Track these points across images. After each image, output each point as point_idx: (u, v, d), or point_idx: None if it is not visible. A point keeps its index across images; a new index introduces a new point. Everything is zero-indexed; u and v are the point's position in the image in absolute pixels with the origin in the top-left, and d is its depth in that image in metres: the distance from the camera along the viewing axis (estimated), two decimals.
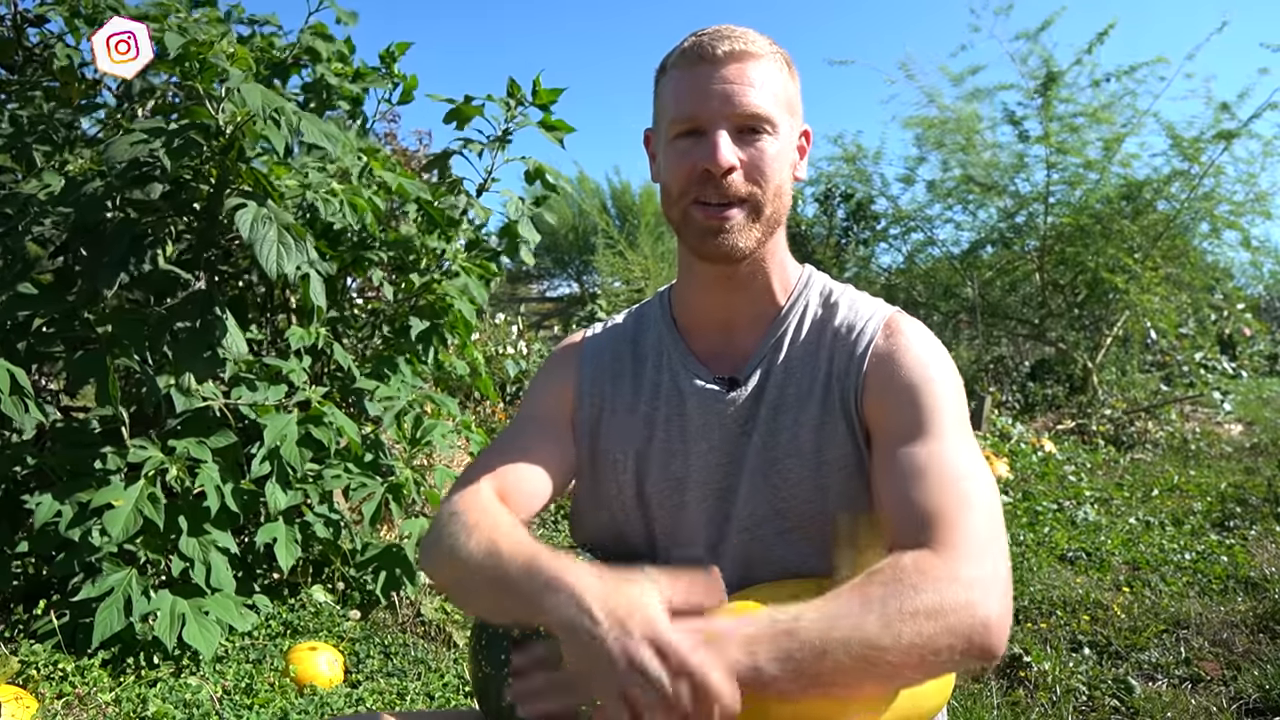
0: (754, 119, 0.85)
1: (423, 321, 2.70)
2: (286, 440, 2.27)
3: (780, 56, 0.89)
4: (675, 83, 0.88)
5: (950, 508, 0.75)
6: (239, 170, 2.22)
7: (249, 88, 2.03)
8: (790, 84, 0.90)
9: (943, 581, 0.68)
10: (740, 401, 0.92)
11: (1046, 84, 6.79)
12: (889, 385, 0.86)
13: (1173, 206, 6.87)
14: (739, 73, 0.85)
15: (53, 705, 1.91)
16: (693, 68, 0.86)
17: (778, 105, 0.87)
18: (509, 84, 2.78)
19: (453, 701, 2.05)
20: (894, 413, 0.85)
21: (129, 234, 2.15)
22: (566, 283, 14.38)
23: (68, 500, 2.09)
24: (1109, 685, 2.11)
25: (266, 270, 2.04)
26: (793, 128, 0.90)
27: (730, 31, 0.87)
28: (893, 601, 0.66)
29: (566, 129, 2.84)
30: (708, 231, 0.86)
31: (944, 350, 0.91)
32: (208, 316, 2.25)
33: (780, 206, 0.89)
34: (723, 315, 0.95)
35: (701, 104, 0.85)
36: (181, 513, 2.20)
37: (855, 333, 0.91)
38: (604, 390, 0.99)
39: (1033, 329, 8.12)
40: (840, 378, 0.89)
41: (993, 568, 0.72)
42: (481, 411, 5.35)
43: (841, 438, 0.88)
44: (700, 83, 0.85)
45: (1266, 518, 3.63)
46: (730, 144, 0.84)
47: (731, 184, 0.85)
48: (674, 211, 0.89)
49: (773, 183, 0.86)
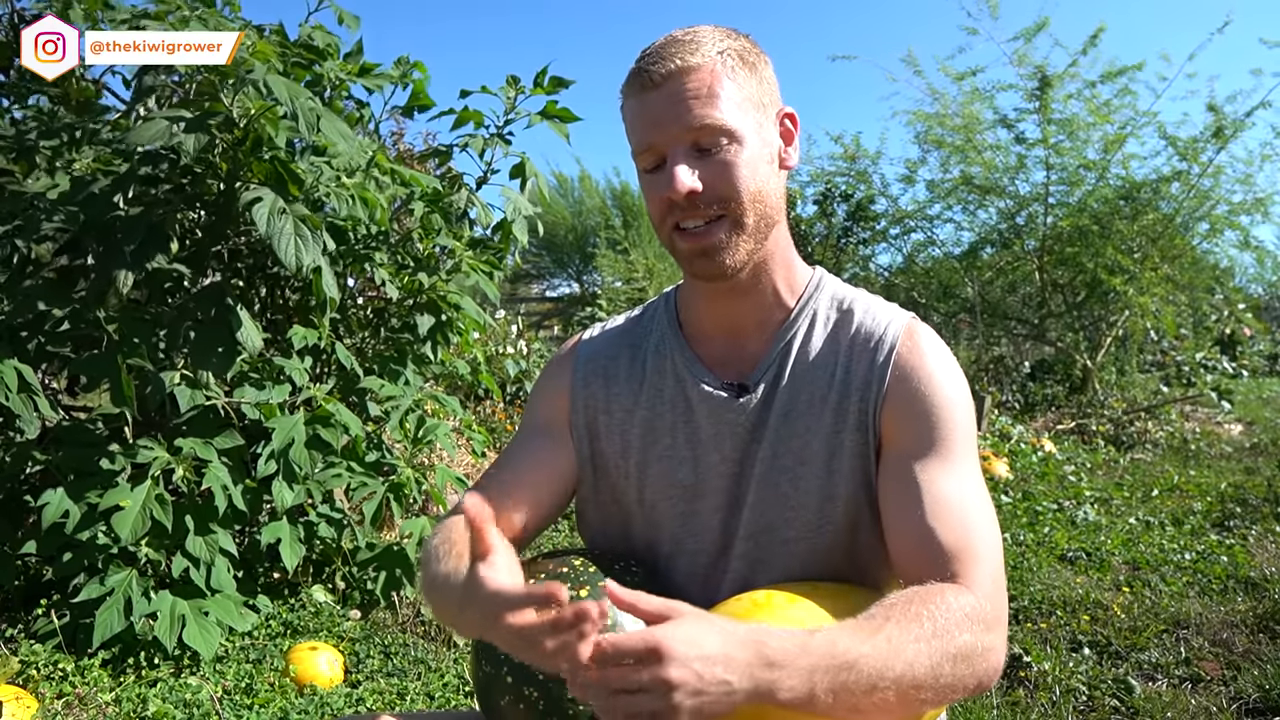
0: (705, 132, 0.81)
1: (430, 318, 2.69)
2: (296, 442, 2.27)
3: (730, 53, 0.83)
4: (629, 114, 0.86)
5: (975, 548, 0.78)
6: (252, 164, 2.21)
7: (274, 79, 2.03)
8: (749, 79, 0.84)
9: (978, 625, 0.72)
10: (750, 408, 0.90)
11: (1042, 86, 6.79)
12: (912, 401, 0.85)
13: (1171, 207, 6.87)
14: (677, 93, 0.81)
15: (53, 705, 1.91)
16: (639, 95, 0.83)
17: (734, 110, 0.82)
18: (508, 78, 2.75)
19: (453, 701, 2.05)
20: (913, 429, 0.84)
21: (145, 225, 2.14)
22: (566, 283, 14.39)
23: (76, 501, 2.09)
24: (1109, 685, 2.11)
25: (285, 263, 2.03)
26: (761, 123, 0.85)
27: (669, 47, 0.82)
28: (939, 642, 0.69)
29: (571, 117, 2.76)
30: (694, 255, 0.85)
31: (955, 360, 0.90)
32: (222, 310, 2.25)
33: (765, 210, 0.85)
34: (728, 322, 0.93)
35: (651, 133, 0.83)
36: (188, 513, 2.20)
37: (875, 340, 0.89)
38: (597, 394, 0.98)
39: (1032, 329, 8.13)
40: (861, 387, 0.87)
41: (1004, 610, 0.77)
42: (482, 411, 5.36)
43: (856, 447, 0.87)
44: (646, 111, 0.83)
45: (1266, 518, 3.63)
46: (687, 170, 0.81)
47: (700, 206, 0.82)
48: (661, 235, 0.88)
49: (746, 191, 0.83)
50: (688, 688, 0.60)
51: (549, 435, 0.98)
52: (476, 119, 2.77)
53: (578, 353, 1.02)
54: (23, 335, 2.23)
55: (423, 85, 2.84)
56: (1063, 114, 6.84)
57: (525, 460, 0.97)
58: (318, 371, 2.73)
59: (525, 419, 1.03)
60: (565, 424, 0.98)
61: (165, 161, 2.33)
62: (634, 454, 0.95)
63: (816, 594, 0.81)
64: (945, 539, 0.78)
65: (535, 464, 0.96)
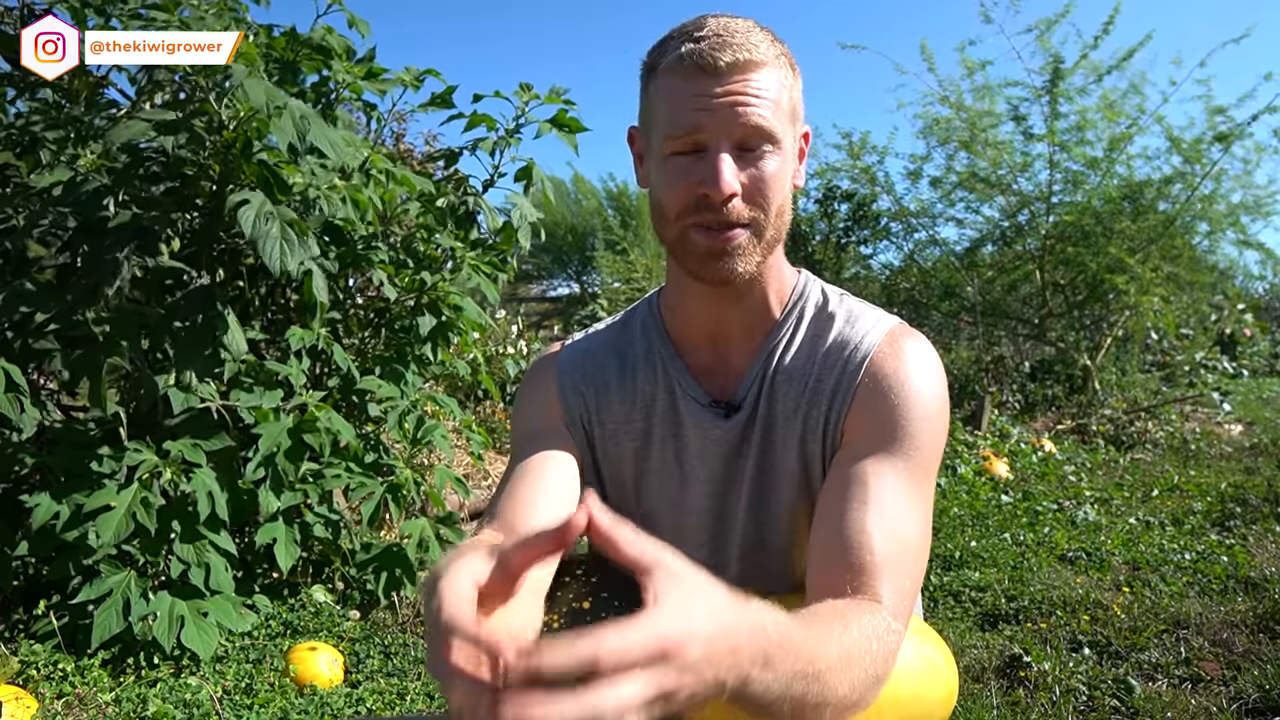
0: (758, 134, 0.78)
1: (430, 319, 2.70)
2: (281, 448, 2.27)
3: (784, 59, 0.81)
4: (670, 93, 0.79)
5: (903, 563, 0.73)
6: (242, 166, 2.21)
7: (252, 83, 2.02)
8: (794, 88, 0.83)
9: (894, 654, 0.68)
10: (735, 426, 0.88)
11: (1053, 80, 6.78)
12: (878, 404, 0.82)
13: (1173, 207, 6.87)
14: (743, 85, 0.76)
15: (53, 705, 1.91)
16: (691, 78, 0.77)
17: (781, 117, 0.79)
18: (520, 84, 2.78)
19: None
20: (873, 429, 0.81)
21: (133, 229, 2.14)
22: (566, 283, 14.37)
23: (64, 501, 2.09)
24: (1109, 685, 2.11)
25: (270, 267, 2.04)
26: (794, 136, 0.84)
27: (730, 35, 0.77)
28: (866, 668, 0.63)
29: (579, 127, 2.80)
30: (709, 256, 0.80)
31: (941, 374, 0.86)
32: (209, 314, 2.24)
33: (781, 226, 0.83)
34: (715, 328, 0.91)
35: (702, 121, 0.77)
36: (175, 516, 2.20)
37: (850, 349, 0.86)
38: (590, 404, 0.94)
39: (1033, 329, 8.12)
40: (829, 396, 0.85)
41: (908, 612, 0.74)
42: (482, 411, 5.36)
43: (826, 454, 0.85)
44: (700, 96, 0.77)
45: (1266, 518, 3.63)
46: (733, 167, 0.77)
47: (733, 209, 0.78)
48: (669, 231, 0.83)
49: (774, 204, 0.80)
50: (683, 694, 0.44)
51: (553, 436, 0.92)
52: (489, 123, 2.79)
53: (559, 362, 0.97)
54: (9, 335, 2.23)
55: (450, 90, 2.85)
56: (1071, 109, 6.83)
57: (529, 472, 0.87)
58: (317, 372, 2.73)
59: (517, 434, 0.96)
60: (563, 426, 0.94)
61: (156, 163, 2.32)
62: (629, 465, 0.94)
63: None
64: (875, 549, 0.72)
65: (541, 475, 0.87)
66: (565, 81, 2.45)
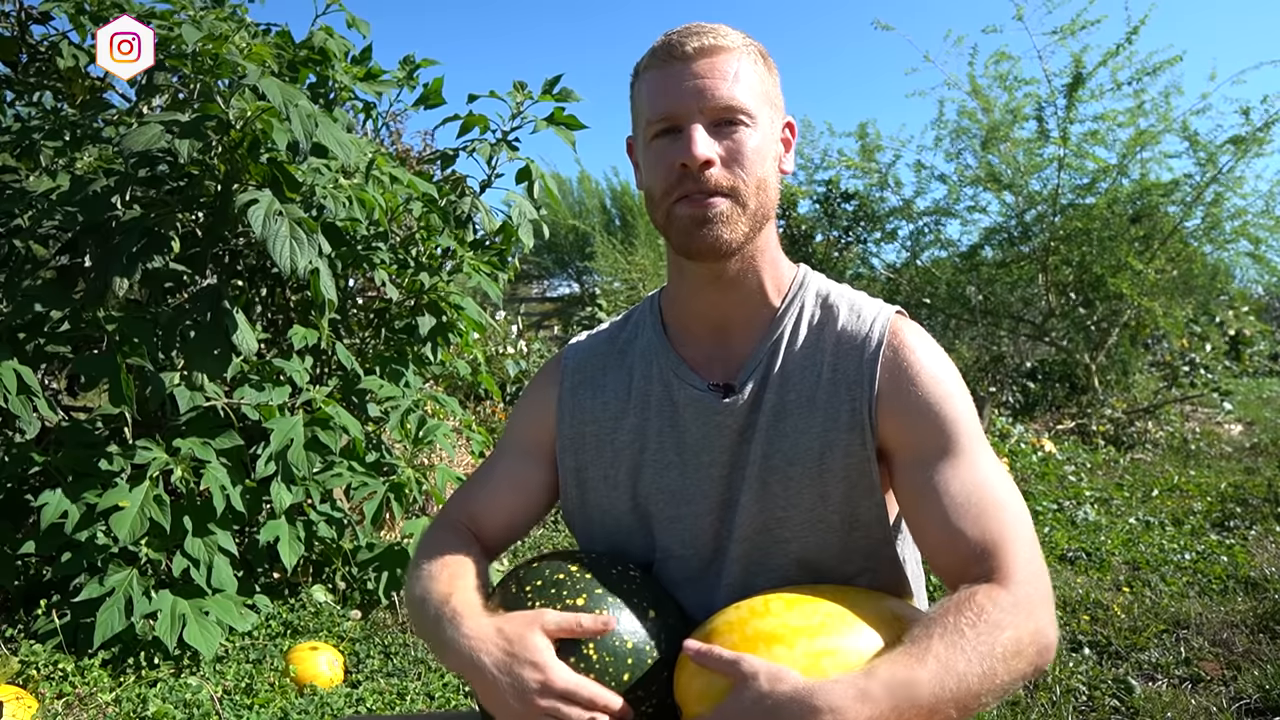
0: (729, 110, 0.83)
1: (431, 319, 2.70)
2: (294, 444, 2.27)
3: (754, 49, 0.87)
4: (649, 84, 0.86)
5: (1003, 535, 0.79)
6: (249, 166, 2.21)
7: (268, 82, 2.03)
8: (768, 76, 0.88)
9: (1018, 614, 0.72)
10: (737, 409, 0.89)
11: (1073, 84, 6.76)
12: (908, 402, 0.85)
13: (1179, 211, 6.86)
14: (710, 67, 0.83)
15: (53, 705, 1.91)
16: (664, 67, 0.85)
17: (754, 97, 0.85)
18: (515, 83, 2.77)
19: (453, 701, 2.06)
20: (917, 432, 0.84)
21: (141, 228, 2.15)
22: (566, 283, 14.37)
23: (75, 501, 2.09)
24: (1109, 685, 2.11)
25: (280, 266, 2.04)
26: (773, 120, 0.89)
27: (700, 28, 0.85)
28: (984, 646, 0.69)
29: (577, 124, 2.79)
30: (692, 223, 0.83)
31: (947, 356, 0.90)
32: (218, 313, 2.25)
33: (766, 200, 0.87)
34: (715, 318, 0.93)
35: (675, 100, 0.83)
36: (187, 513, 2.21)
37: (861, 337, 0.88)
38: (585, 404, 0.98)
39: (1034, 329, 8.11)
40: (849, 386, 0.87)
41: (1045, 586, 0.78)
42: (482, 411, 5.36)
43: (849, 446, 0.86)
44: (673, 80, 0.84)
45: (1266, 518, 3.63)
46: (706, 137, 0.82)
47: (711, 177, 0.82)
48: (659, 214, 0.87)
49: (754, 174, 0.84)
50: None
51: (527, 457, 1.01)
52: (482, 124, 2.77)
53: (564, 362, 1.02)
54: (21, 336, 2.23)
55: (439, 84, 2.85)
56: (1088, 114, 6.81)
57: (503, 482, 1.01)
58: (319, 372, 2.73)
59: (509, 429, 1.04)
60: (547, 443, 1.00)
61: (163, 163, 2.33)
62: (624, 462, 0.94)
63: (816, 595, 0.81)
64: (971, 538, 0.78)
65: (511, 486, 1.00)
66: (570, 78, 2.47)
